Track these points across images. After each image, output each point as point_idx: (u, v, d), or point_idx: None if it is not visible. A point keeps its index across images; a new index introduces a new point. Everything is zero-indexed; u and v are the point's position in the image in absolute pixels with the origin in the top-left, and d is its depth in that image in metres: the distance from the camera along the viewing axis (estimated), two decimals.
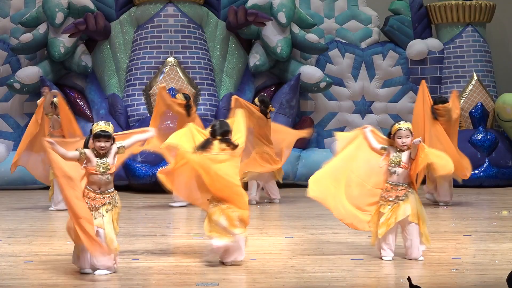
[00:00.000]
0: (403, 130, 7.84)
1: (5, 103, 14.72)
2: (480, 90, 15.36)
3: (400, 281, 6.97)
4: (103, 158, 7.20)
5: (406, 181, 7.79)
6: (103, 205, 7.19)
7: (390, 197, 7.78)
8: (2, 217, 10.91)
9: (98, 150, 7.19)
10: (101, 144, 7.16)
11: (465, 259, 7.84)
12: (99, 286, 6.80)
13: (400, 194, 7.77)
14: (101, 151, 7.19)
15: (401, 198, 7.75)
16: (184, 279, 6.98)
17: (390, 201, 7.77)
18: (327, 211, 11.35)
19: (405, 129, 7.84)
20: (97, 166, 7.16)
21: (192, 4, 14.59)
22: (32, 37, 14.34)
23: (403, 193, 7.76)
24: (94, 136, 7.18)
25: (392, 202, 7.76)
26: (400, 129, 7.85)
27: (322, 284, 6.73)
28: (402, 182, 7.78)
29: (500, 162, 14.85)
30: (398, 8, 15.68)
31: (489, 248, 8.29)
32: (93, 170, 7.16)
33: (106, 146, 7.18)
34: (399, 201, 7.75)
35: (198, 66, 14.38)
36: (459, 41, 15.59)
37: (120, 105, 14.15)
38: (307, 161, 14.36)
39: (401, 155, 7.82)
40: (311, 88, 14.83)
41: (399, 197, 7.76)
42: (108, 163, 7.19)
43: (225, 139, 7.56)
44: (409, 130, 7.85)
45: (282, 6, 14.63)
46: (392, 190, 7.79)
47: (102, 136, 7.17)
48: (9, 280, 6.89)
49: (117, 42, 14.64)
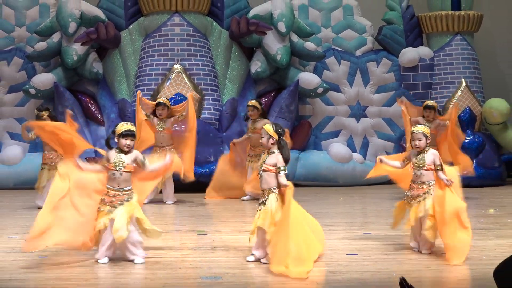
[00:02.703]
0: (415, 133, 7.85)
1: (21, 107, 14.74)
2: (469, 95, 15.37)
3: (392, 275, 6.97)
4: (121, 157, 7.33)
5: (429, 179, 7.82)
6: (121, 202, 7.31)
7: (415, 195, 7.80)
8: (19, 215, 10.91)
9: (123, 147, 7.39)
10: (127, 142, 7.38)
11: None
12: (110, 279, 6.81)
13: (422, 192, 7.80)
14: (125, 148, 7.39)
15: (423, 195, 7.80)
16: (190, 273, 6.99)
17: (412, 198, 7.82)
18: (324, 209, 11.41)
19: (417, 132, 7.85)
20: (115, 164, 7.33)
21: (197, 14, 14.61)
22: (46, 46, 14.36)
23: (425, 190, 7.79)
24: (121, 135, 7.37)
25: (417, 200, 7.81)
26: (413, 131, 7.88)
27: (320, 277, 6.73)
28: (426, 181, 7.82)
29: (487, 163, 14.87)
30: (391, 18, 15.70)
31: (477, 244, 8.28)
32: (111, 167, 7.33)
33: (131, 145, 7.41)
34: (420, 199, 7.79)
35: (202, 73, 14.39)
36: (448, 49, 15.60)
37: (129, 110, 14.16)
38: (305, 162, 14.38)
39: (423, 157, 7.82)
40: (309, 94, 14.84)
41: (421, 195, 7.80)
42: (124, 161, 7.34)
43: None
44: (422, 133, 7.81)
45: (282, 16, 14.65)
46: (415, 189, 7.81)
47: (129, 135, 7.41)
48: (24, 274, 6.90)
49: (127, 50, 14.65)
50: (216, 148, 13.74)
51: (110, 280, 6.77)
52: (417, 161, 7.82)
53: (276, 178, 7.24)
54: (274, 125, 7.38)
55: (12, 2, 15.17)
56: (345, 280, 6.79)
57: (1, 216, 10.75)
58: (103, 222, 7.29)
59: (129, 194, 7.36)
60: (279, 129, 7.34)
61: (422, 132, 7.84)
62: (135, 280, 6.81)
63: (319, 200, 12.59)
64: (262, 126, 11.98)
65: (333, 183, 14.63)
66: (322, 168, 14.70)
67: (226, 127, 14.30)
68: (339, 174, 14.66)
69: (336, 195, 13.33)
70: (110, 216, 7.26)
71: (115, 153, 7.40)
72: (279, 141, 7.31)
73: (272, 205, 7.23)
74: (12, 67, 14.78)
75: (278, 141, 7.31)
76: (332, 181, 14.67)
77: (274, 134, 7.28)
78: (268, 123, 7.47)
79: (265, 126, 7.37)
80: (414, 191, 7.84)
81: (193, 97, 12.29)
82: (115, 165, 7.33)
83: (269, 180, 7.25)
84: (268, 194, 7.27)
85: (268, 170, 7.25)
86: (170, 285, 6.57)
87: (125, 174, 7.35)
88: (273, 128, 7.31)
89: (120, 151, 7.41)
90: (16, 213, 11.05)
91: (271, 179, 7.26)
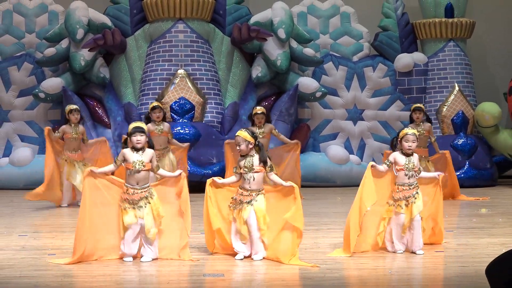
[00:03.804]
0: (410, 135, 7.78)
1: (31, 111, 14.76)
2: (461, 99, 15.36)
3: (388, 272, 6.96)
4: (140, 156, 7.33)
5: (415, 180, 7.78)
6: (141, 199, 7.30)
7: (403, 197, 7.71)
8: (28, 214, 10.92)
9: (135, 144, 7.35)
10: (136, 137, 7.34)
11: (447, 253, 7.83)
12: (116, 276, 6.79)
13: (412, 193, 7.72)
14: (137, 145, 7.35)
15: (414, 196, 7.72)
16: (193, 270, 6.98)
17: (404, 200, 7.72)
18: (322, 209, 11.41)
19: (412, 134, 7.80)
20: (134, 163, 7.31)
21: (200, 21, 14.61)
22: (55, 51, 14.37)
23: (414, 191, 7.73)
24: (130, 133, 7.37)
25: (405, 201, 7.72)
26: (407, 133, 7.80)
27: (318, 275, 6.73)
28: (413, 182, 7.77)
29: (479, 164, 14.87)
30: (387, 25, 15.70)
31: (469, 243, 8.28)
32: (130, 166, 7.31)
33: (141, 140, 7.35)
34: (411, 200, 7.71)
35: (205, 78, 14.39)
36: (442, 55, 15.60)
37: (135, 113, 14.15)
38: (304, 164, 14.37)
39: (411, 159, 7.77)
40: (308, 98, 14.84)
41: (412, 196, 7.72)
42: (143, 160, 7.33)
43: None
44: (415, 136, 7.78)
45: (282, 23, 14.65)
46: (404, 191, 7.73)
47: (137, 131, 7.36)
48: (34, 271, 6.89)
49: (132, 56, 14.66)
50: (218, 150, 13.73)
51: (116, 277, 6.76)
52: (409, 163, 7.75)
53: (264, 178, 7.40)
54: (248, 131, 7.45)
55: (23, 9, 15.18)
56: (342, 277, 6.78)
57: (11, 215, 10.75)
58: (128, 219, 7.30)
59: (148, 191, 7.36)
60: (253, 133, 7.47)
61: (415, 134, 7.80)
62: (140, 277, 6.80)
63: (318, 200, 12.59)
64: (268, 130, 12.10)
65: (331, 183, 14.63)
66: (321, 169, 14.70)
67: (228, 130, 14.31)
68: (336, 175, 14.66)
69: (334, 195, 13.33)
70: (136, 213, 7.29)
71: (132, 153, 7.37)
72: (256, 144, 7.40)
73: (263, 206, 7.33)
74: (22, 72, 14.79)
75: (256, 144, 7.39)
76: (330, 182, 14.67)
77: (251, 139, 7.38)
78: (243, 130, 7.51)
79: (241, 134, 7.43)
80: (404, 193, 7.73)
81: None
82: (134, 163, 7.32)
83: (260, 181, 7.39)
84: (257, 195, 7.36)
85: (260, 171, 7.36)
86: (174, 282, 6.56)
87: (144, 172, 7.35)
88: (249, 133, 7.39)
89: (135, 150, 7.38)
90: (25, 213, 11.05)
91: (261, 179, 7.41)
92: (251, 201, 7.35)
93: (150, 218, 7.31)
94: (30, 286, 6.28)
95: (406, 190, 7.70)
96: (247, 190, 7.37)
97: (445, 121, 15.20)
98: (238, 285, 6.53)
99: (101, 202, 7.34)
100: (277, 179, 7.46)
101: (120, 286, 6.47)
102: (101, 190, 7.35)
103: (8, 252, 7.77)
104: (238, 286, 6.52)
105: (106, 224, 7.37)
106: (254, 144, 7.43)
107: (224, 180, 7.64)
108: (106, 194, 7.37)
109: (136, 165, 7.31)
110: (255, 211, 7.34)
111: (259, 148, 7.46)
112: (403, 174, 7.72)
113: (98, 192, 7.34)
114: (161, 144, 11.92)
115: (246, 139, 7.40)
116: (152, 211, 7.33)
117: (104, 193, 7.36)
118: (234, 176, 7.49)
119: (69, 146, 11.59)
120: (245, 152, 7.43)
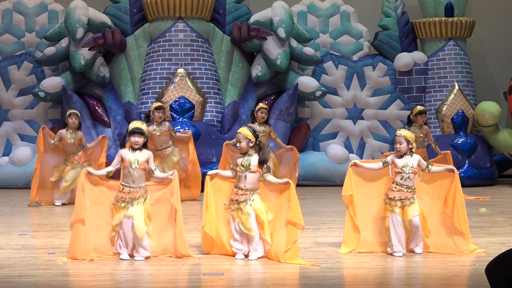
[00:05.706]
0: (397, 136, 7.74)
1: (30, 110, 14.75)
2: (461, 98, 15.36)
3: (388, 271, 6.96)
4: (137, 156, 7.38)
5: (413, 184, 7.71)
6: (137, 198, 7.36)
7: (399, 198, 7.66)
8: (28, 213, 10.92)
9: (133, 145, 7.45)
10: (135, 139, 7.44)
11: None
12: (115, 275, 6.80)
13: (409, 196, 7.67)
14: (135, 146, 7.44)
15: (409, 199, 7.66)
16: (193, 270, 6.98)
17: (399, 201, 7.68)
18: (322, 208, 11.41)
19: (399, 135, 7.74)
20: (130, 162, 7.37)
21: (200, 21, 14.60)
22: (55, 50, 14.36)
23: (410, 195, 7.68)
24: (129, 133, 7.47)
25: (400, 203, 7.67)
26: (396, 135, 7.77)
27: (318, 274, 6.73)
28: (411, 185, 7.70)
29: (479, 163, 14.86)
30: (387, 24, 15.69)
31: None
32: (126, 165, 7.39)
33: (140, 141, 7.45)
34: (407, 202, 7.65)
35: (205, 77, 14.38)
36: (442, 54, 15.59)
37: (135, 112, 14.15)
38: (304, 163, 14.36)
39: (410, 160, 7.71)
40: (307, 97, 14.83)
41: (407, 199, 7.67)
42: (139, 160, 7.40)
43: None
44: (403, 137, 7.67)
45: (282, 22, 14.64)
46: (401, 192, 7.68)
47: (136, 133, 7.46)
48: (33, 270, 6.90)
49: (132, 55, 14.65)
50: (218, 149, 13.71)
51: (115, 276, 6.77)
52: (407, 164, 7.69)
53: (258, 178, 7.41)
54: (250, 129, 7.44)
55: (23, 8, 15.17)
56: (342, 276, 6.78)
57: (11, 214, 10.75)
58: (118, 217, 7.34)
59: (143, 191, 7.39)
60: (254, 131, 7.45)
61: (403, 136, 7.73)
62: (140, 276, 6.80)
63: (318, 199, 12.60)
64: (268, 130, 12.10)
65: (331, 182, 14.62)
66: (320, 169, 14.70)
67: (227, 129, 14.30)
68: (336, 174, 14.65)
69: (333, 194, 13.33)
70: (127, 213, 7.31)
71: (129, 152, 7.45)
72: (257, 143, 7.38)
73: (260, 204, 7.34)
74: (22, 71, 14.78)
75: (256, 143, 7.37)
76: (330, 181, 14.66)
77: (253, 137, 7.37)
78: (245, 128, 7.50)
79: (242, 131, 7.42)
80: (400, 193, 7.67)
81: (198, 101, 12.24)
82: (130, 162, 7.37)
83: (255, 181, 7.40)
84: (252, 194, 7.35)
85: (256, 171, 7.36)
86: (173, 281, 6.56)
87: (140, 171, 7.40)
88: (250, 131, 7.39)
89: (132, 149, 7.46)
90: (25, 212, 11.05)
91: (257, 179, 7.42)
92: (246, 200, 7.36)
93: (141, 218, 7.34)
94: (30, 285, 6.28)
95: (403, 192, 7.67)
96: (242, 189, 7.38)
97: (445, 120, 15.20)
98: (238, 284, 6.53)
99: (95, 201, 7.41)
100: (273, 179, 7.46)
101: (120, 285, 6.47)
102: (96, 190, 7.41)
103: (8, 251, 7.77)
104: (238, 285, 6.52)
105: (100, 224, 7.42)
106: (255, 143, 7.42)
107: (220, 171, 7.65)
108: (101, 194, 7.44)
109: (132, 164, 7.36)
110: (254, 210, 7.34)
111: (259, 147, 7.44)
112: (399, 178, 7.69)
113: (93, 192, 7.40)
114: (161, 144, 11.93)
115: (247, 136, 7.40)
116: (143, 211, 7.37)
117: (99, 193, 7.43)
118: (231, 172, 7.52)
119: (68, 150, 11.65)
120: (244, 150, 7.42)
